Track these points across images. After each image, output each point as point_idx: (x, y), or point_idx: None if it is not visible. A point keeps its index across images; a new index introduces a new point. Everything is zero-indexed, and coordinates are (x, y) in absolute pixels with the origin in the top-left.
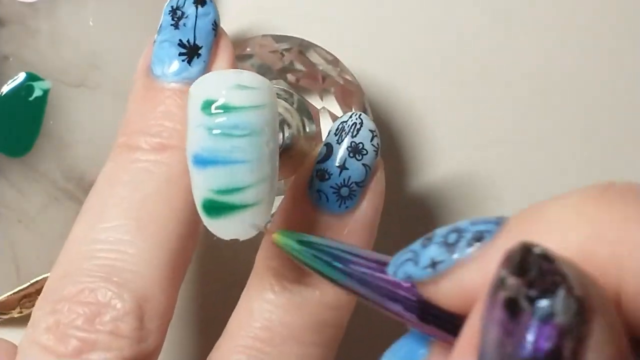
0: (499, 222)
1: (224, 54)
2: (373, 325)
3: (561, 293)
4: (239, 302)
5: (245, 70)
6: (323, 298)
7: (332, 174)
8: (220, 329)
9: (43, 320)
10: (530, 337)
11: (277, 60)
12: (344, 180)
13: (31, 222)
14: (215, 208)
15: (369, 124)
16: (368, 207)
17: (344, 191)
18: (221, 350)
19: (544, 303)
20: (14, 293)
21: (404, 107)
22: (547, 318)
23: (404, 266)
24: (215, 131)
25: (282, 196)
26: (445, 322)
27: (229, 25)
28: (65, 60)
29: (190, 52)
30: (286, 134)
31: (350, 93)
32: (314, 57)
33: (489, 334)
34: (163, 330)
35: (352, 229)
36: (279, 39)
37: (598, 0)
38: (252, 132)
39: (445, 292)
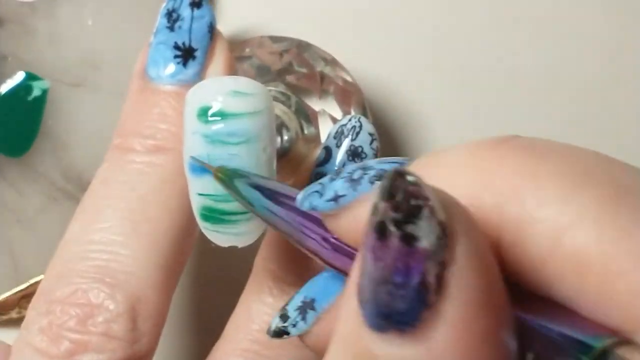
0: (404, 163)
1: (219, 57)
2: None
3: (424, 217)
4: (238, 305)
5: (241, 77)
6: None
7: None
8: (218, 331)
9: (36, 321)
10: (395, 262)
11: (276, 61)
12: None
13: (30, 222)
14: (212, 216)
15: (368, 127)
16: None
17: None
18: (219, 353)
19: (407, 227)
20: (13, 293)
21: (403, 107)
22: (411, 242)
23: (310, 197)
24: (211, 138)
25: None
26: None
27: (227, 26)
28: (64, 60)
29: (185, 54)
30: (284, 137)
31: (349, 93)
32: (312, 58)
33: (365, 263)
34: (157, 331)
35: None
36: (277, 39)
37: (599, 3)
38: (249, 139)
39: (345, 226)
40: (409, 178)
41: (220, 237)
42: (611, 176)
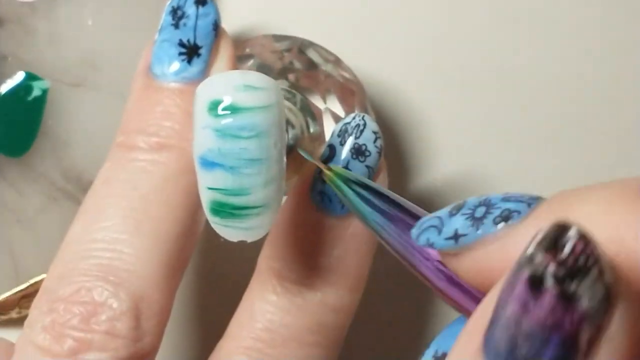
0: (531, 204)
1: (224, 54)
2: (374, 327)
3: (592, 276)
4: (241, 303)
5: (252, 71)
6: (325, 300)
7: None
8: (221, 329)
9: (39, 319)
10: (549, 317)
11: (278, 61)
12: None
13: (30, 222)
14: (222, 210)
15: (372, 125)
16: None
17: None
18: (222, 351)
19: (571, 284)
20: (13, 293)
21: (405, 107)
22: (571, 300)
23: (427, 232)
24: (222, 132)
25: (285, 197)
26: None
27: (229, 25)
28: (64, 60)
29: (190, 51)
30: (290, 135)
31: (352, 92)
32: (314, 57)
33: (504, 310)
34: (160, 330)
35: (355, 231)
36: (279, 38)
37: (599, 3)
38: (260, 133)
39: (465, 267)
40: (578, 232)
41: (230, 231)
42: None
